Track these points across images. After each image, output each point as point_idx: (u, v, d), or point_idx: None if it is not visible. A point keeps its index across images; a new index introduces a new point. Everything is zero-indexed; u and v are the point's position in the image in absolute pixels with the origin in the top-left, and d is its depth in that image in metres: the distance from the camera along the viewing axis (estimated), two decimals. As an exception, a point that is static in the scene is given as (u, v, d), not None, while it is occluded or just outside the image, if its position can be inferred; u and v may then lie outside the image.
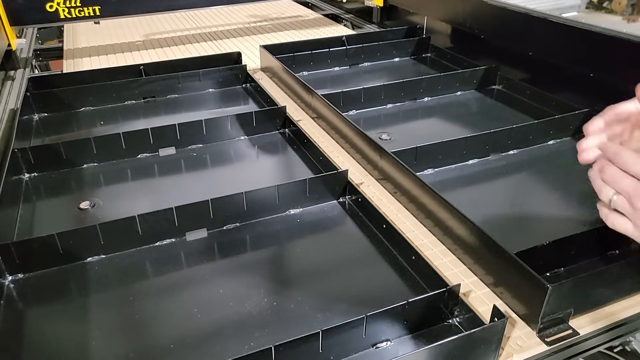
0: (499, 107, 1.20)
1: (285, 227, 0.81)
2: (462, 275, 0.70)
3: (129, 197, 0.91)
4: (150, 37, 1.80)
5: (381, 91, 1.19)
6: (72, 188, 0.93)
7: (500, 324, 0.56)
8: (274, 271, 0.74)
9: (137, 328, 0.64)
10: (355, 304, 0.66)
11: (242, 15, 2.06)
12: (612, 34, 1.01)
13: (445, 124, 1.15)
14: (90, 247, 0.74)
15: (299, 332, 0.54)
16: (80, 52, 1.65)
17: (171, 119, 1.15)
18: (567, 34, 1.11)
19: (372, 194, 0.89)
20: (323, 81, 1.37)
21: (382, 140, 1.05)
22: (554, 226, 0.78)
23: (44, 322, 0.65)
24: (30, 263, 0.72)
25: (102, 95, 1.24)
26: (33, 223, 0.83)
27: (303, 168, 0.98)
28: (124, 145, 1.00)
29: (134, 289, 0.70)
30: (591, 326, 0.61)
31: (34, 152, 0.94)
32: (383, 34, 1.59)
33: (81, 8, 1.46)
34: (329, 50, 1.44)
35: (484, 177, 0.93)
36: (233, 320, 0.64)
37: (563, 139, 1.03)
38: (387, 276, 0.71)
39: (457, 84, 1.26)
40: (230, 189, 0.80)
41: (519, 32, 1.24)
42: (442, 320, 0.63)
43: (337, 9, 2.10)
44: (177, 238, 0.78)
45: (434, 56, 1.51)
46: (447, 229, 0.75)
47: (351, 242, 0.78)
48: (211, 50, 1.64)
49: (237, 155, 1.04)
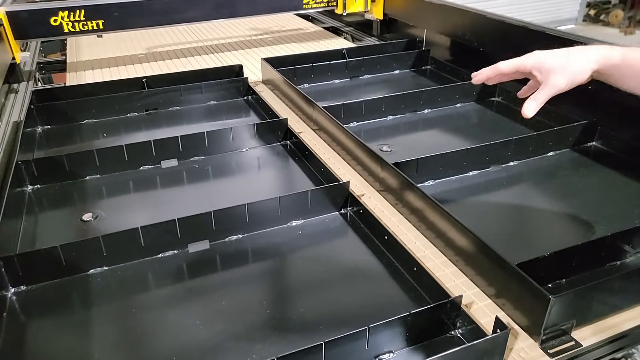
0: (498, 119, 1.21)
1: (287, 239, 0.82)
2: (464, 287, 0.70)
3: (132, 208, 0.92)
4: (152, 50, 1.82)
5: (382, 103, 1.20)
6: (75, 200, 0.93)
7: (503, 336, 0.56)
8: (276, 283, 0.74)
9: (139, 340, 0.64)
10: (357, 315, 0.66)
11: (244, 28, 2.08)
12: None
13: (446, 135, 1.15)
14: (93, 259, 0.74)
15: (301, 344, 0.54)
16: (83, 65, 1.66)
17: (173, 131, 1.16)
18: (564, 47, 1.12)
19: (373, 205, 0.89)
20: (324, 93, 1.38)
21: (383, 152, 1.06)
22: (554, 237, 0.78)
23: (47, 335, 0.65)
24: (33, 275, 0.72)
25: (105, 107, 1.25)
26: (36, 235, 0.83)
27: (304, 180, 0.98)
28: (127, 157, 1.00)
29: (136, 300, 0.70)
30: (594, 338, 0.61)
31: (37, 164, 0.95)
32: (383, 46, 1.61)
33: (85, 22, 1.47)
34: (330, 63, 1.46)
35: (484, 188, 0.93)
36: (235, 332, 0.64)
37: (562, 150, 1.04)
38: (389, 288, 0.71)
39: (456, 96, 1.27)
40: (232, 201, 0.80)
41: (518, 45, 1.24)
42: (444, 332, 0.63)
43: (337, 22, 2.12)
44: (179, 250, 0.78)
45: (434, 68, 1.52)
46: (448, 241, 0.76)
47: (353, 254, 0.78)
48: (213, 63, 1.65)
49: (239, 167, 1.05)
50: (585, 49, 0.66)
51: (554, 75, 0.65)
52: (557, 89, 0.65)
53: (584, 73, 0.65)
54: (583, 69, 0.65)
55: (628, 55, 0.63)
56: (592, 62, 0.64)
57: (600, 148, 1.04)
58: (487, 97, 1.29)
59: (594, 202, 0.88)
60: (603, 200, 0.89)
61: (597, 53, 0.64)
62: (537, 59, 0.67)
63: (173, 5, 1.56)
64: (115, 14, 1.50)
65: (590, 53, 0.65)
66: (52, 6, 1.45)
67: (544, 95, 0.66)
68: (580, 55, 0.65)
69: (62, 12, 1.44)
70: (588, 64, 0.64)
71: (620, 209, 0.85)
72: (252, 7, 1.67)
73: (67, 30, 1.47)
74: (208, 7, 1.61)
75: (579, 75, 0.65)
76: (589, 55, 0.65)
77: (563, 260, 0.69)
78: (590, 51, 0.65)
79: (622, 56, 0.63)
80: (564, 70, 0.65)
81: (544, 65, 0.67)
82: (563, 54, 0.66)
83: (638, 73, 0.62)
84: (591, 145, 1.05)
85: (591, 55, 0.65)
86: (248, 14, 1.70)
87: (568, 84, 0.65)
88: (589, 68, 0.65)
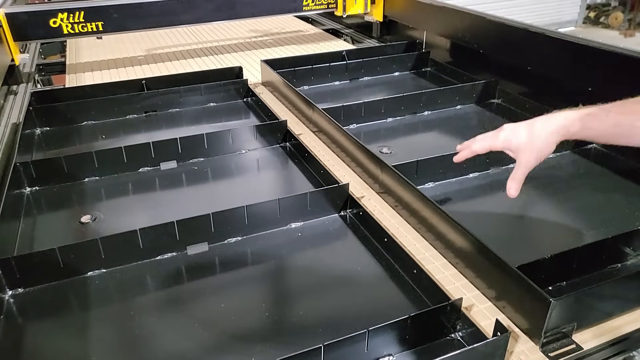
0: (498, 121, 1.21)
1: (287, 241, 0.81)
2: (464, 289, 0.70)
3: (130, 211, 0.91)
4: (152, 51, 1.82)
5: (381, 105, 1.20)
6: (74, 202, 0.93)
7: (503, 339, 0.56)
8: (276, 285, 0.74)
9: (137, 343, 0.63)
10: (357, 318, 0.66)
11: (243, 30, 2.08)
12: (609, 48, 1.02)
13: (446, 137, 1.15)
14: (91, 262, 0.74)
15: (300, 347, 0.54)
16: (82, 67, 1.66)
17: (172, 133, 1.16)
18: (564, 49, 1.12)
19: (373, 207, 0.89)
20: (324, 95, 1.38)
21: (383, 154, 1.05)
22: (555, 239, 0.78)
23: (44, 337, 0.65)
24: (30, 277, 0.71)
25: (104, 109, 1.25)
26: (34, 237, 0.83)
27: (304, 182, 0.98)
28: (126, 159, 1.00)
29: (135, 303, 0.70)
30: (594, 341, 0.61)
31: (36, 166, 0.95)
32: (383, 48, 1.61)
33: (84, 24, 1.47)
34: (330, 65, 1.46)
35: (484, 190, 0.93)
36: (234, 334, 0.64)
37: (562, 152, 1.04)
38: (388, 290, 0.71)
39: (456, 97, 1.27)
40: (232, 203, 0.80)
41: (518, 47, 1.25)
42: (444, 335, 0.62)
43: (337, 24, 2.12)
44: (178, 252, 0.78)
45: (434, 70, 1.52)
46: (448, 243, 0.75)
47: (352, 256, 0.78)
48: (212, 64, 1.65)
49: (238, 169, 1.04)
50: (546, 122, 0.69)
51: (523, 155, 0.69)
52: (529, 166, 0.70)
53: (549, 147, 0.69)
54: (547, 143, 0.68)
55: (585, 124, 0.66)
56: (555, 134, 0.68)
57: (600, 150, 1.04)
58: (487, 99, 1.29)
59: (594, 205, 0.87)
60: (603, 203, 0.88)
61: (558, 125, 0.68)
62: (505, 139, 0.71)
63: (172, 7, 1.56)
64: (114, 16, 1.50)
65: (551, 128, 0.68)
66: (51, 8, 1.45)
67: (520, 174, 0.70)
68: (543, 131, 0.68)
69: (62, 13, 1.45)
70: (551, 137, 0.68)
71: (621, 211, 0.85)
72: (251, 9, 1.67)
73: (67, 32, 1.47)
74: (208, 9, 1.61)
75: (545, 149, 0.69)
76: (551, 130, 0.68)
77: (564, 263, 0.69)
78: (550, 126, 0.68)
79: (581, 125, 0.66)
80: (531, 148, 0.69)
81: (511, 146, 0.71)
82: (526, 132, 0.69)
83: (599, 136, 0.67)
84: (591, 148, 1.05)
85: (552, 129, 0.68)
86: (248, 16, 1.70)
87: (538, 159, 0.69)
88: (552, 141, 0.68)
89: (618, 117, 0.64)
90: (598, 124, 0.65)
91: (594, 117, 0.66)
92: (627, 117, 0.64)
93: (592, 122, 0.65)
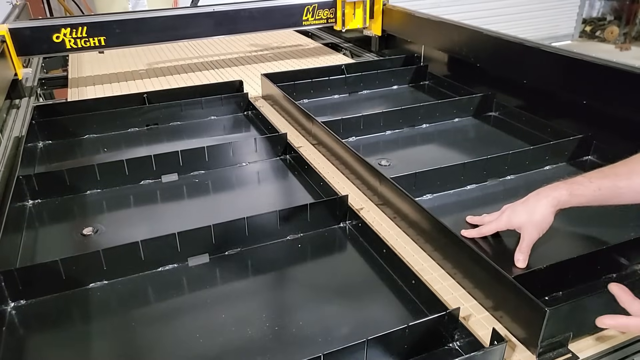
0: (495, 134, 1.22)
1: (287, 252, 0.82)
2: (462, 299, 0.71)
3: (132, 223, 0.92)
4: (153, 66, 1.84)
5: (380, 118, 1.21)
6: (75, 214, 0.94)
7: (500, 348, 0.57)
8: (276, 296, 0.75)
9: (139, 354, 0.64)
10: (356, 328, 0.66)
11: (244, 44, 2.11)
12: (604, 62, 1.04)
13: (443, 150, 1.16)
14: (93, 273, 0.75)
15: (300, 357, 0.55)
16: (84, 81, 1.68)
17: (174, 146, 1.17)
18: (560, 63, 1.14)
19: (372, 219, 0.90)
20: (323, 108, 1.39)
21: (382, 166, 1.07)
22: (550, 250, 0.79)
23: (46, 349, 0.65)
24: (32, 289, 0.72)
25: (106, 122, 1.26)
26: (36, 249, 0.84)
27: (304, 193, 0.99)
28: (127, 171, 1.01)
29: (136, 314, 0.70)
30: (591, 350, 0.61)
31: (39, 179, 0.96)
32: (381, 62, 1.63)
33: (87, 39, 1.49)
34: (329, 79, 1.48)
35: (482, 202, 0.94)
36: (235, 345, 0.64)
37: (559, 164, 1.05)
38: (387, 300, 0.71)
39: (454, 110, 1.29)
40: (232, 215, 0.81)
41: (514, 61, 1.27)
42: (442, 344, 0.63)
43: (336, 38, 2.15)
44: (179, 264, 0.79)
45: (432, 84, 1.54)
46: (446, 254, 0.76)
47: (352, 267, 0.79)
48: (213, 78, 1.67)
49: (239, 181, 1.06)
50: (541, 197, 0.74)
51: (526, 231, 0.75)
52: (532, 239, 0.74)
53: (547, 218, 0.74)
54: (545, 216, 0.73)
55: (572, 192, 0.73)
56: (550, 207, 0.73)
57: (596, 162, 1.05)
58: (485, 112, 1.31)
59: (590, 215, 0.88)
60: (598, 213, 0.89)
61: (548, 197, 0.73)
62: (507, 221, 0.77)
63: (174, 22, 1.59)
64: (117, 31, 1.52)
65: (547, 201, 0.73)
66: (54, 23, 1.47)
67: (525, 246, 0.74)
68: (539, 205, 0.74)
69: (65, 29, 1.47)
70: (546, 210, 0.73)
71: (616, 222, 0.86)
72: (252, 24, 1.69)
73: (69, 47, 1.49)
74: (209, 24, 1.63)
75: (545, 222, 0.74)
76: (546, 204, 0.73)
77: (560, 273, 0.69)
78: (545, 199, 0.73)
79: (568, 194, 0.73)
80: (531, 223, 0.74)
81: (513, 225, 0.77)
82: (524, 211, 0.75)
83: (588, 201, 0.73)
84: (587, 160, 1.06)
85: (545, 202, 0.73)
86: (248, 31, 1.72)
87: (539, 231, 0.74)
88: (548, 213, 0.73)
89: (600, 182, 0.71)
90: (583, 190, 0.72)
91: (579, 185, 0.73)
92: (609, 180, 0.71)
93: (577, 189, 0.72)
